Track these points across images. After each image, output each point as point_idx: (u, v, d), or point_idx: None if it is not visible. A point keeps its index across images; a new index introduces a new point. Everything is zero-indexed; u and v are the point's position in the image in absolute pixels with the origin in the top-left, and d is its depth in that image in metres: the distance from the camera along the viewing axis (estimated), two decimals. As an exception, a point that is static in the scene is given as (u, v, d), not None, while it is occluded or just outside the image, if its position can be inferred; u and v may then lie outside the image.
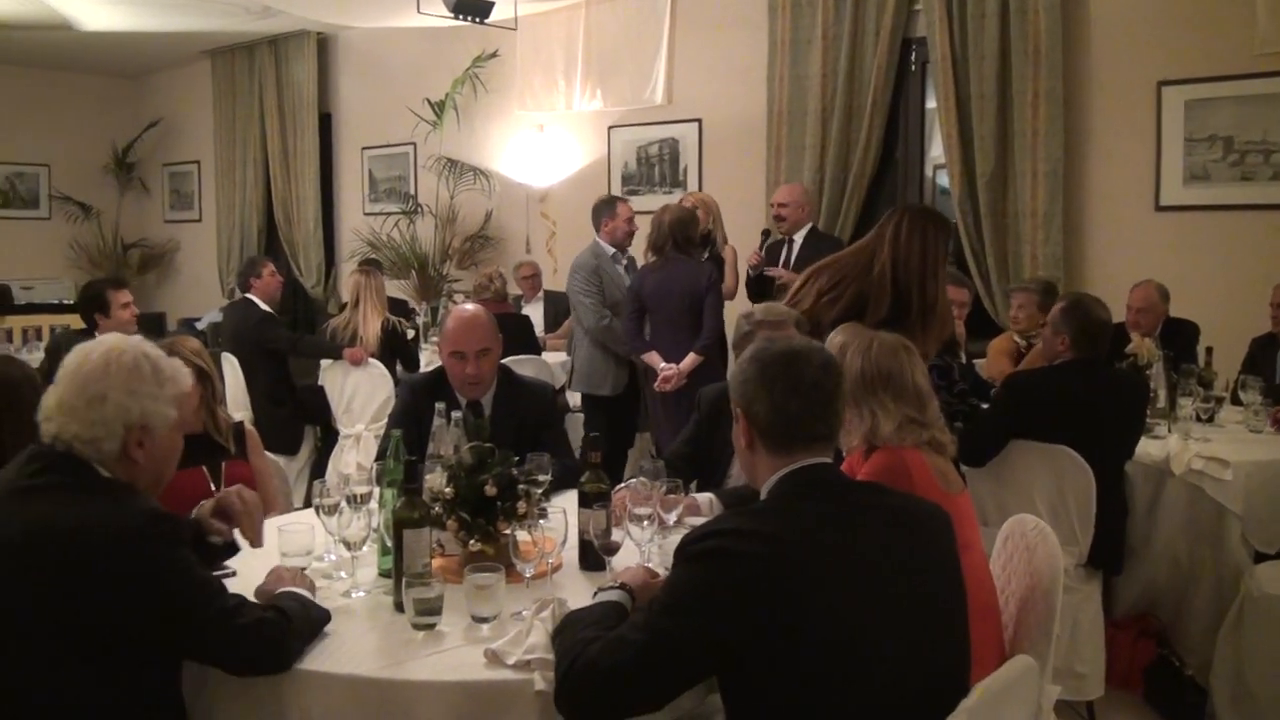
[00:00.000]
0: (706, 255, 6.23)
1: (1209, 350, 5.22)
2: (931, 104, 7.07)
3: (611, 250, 6.27)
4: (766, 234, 6.65)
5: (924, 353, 3.93)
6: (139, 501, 2.13)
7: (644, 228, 6.29)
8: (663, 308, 5.77)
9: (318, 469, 6.71)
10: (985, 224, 6.65)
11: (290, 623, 2.18)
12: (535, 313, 8.11)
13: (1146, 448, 4.34)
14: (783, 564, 1.87)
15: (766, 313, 3.78)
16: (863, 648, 1.88)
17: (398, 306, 8.10)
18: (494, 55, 9.11)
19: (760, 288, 6.27)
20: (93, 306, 5.80)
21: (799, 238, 6.36)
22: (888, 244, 4.12)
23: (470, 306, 3.86)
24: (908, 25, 7.04)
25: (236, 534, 2.52)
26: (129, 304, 5.84)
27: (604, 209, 6.35)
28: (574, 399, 6.75)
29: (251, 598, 2.25)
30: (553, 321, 8.12)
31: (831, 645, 1.86)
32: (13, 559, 2.01)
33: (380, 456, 3.26)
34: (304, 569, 2.55)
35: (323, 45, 10.59)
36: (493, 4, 7.43)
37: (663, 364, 5.71)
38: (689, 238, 5.83)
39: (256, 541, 2.51)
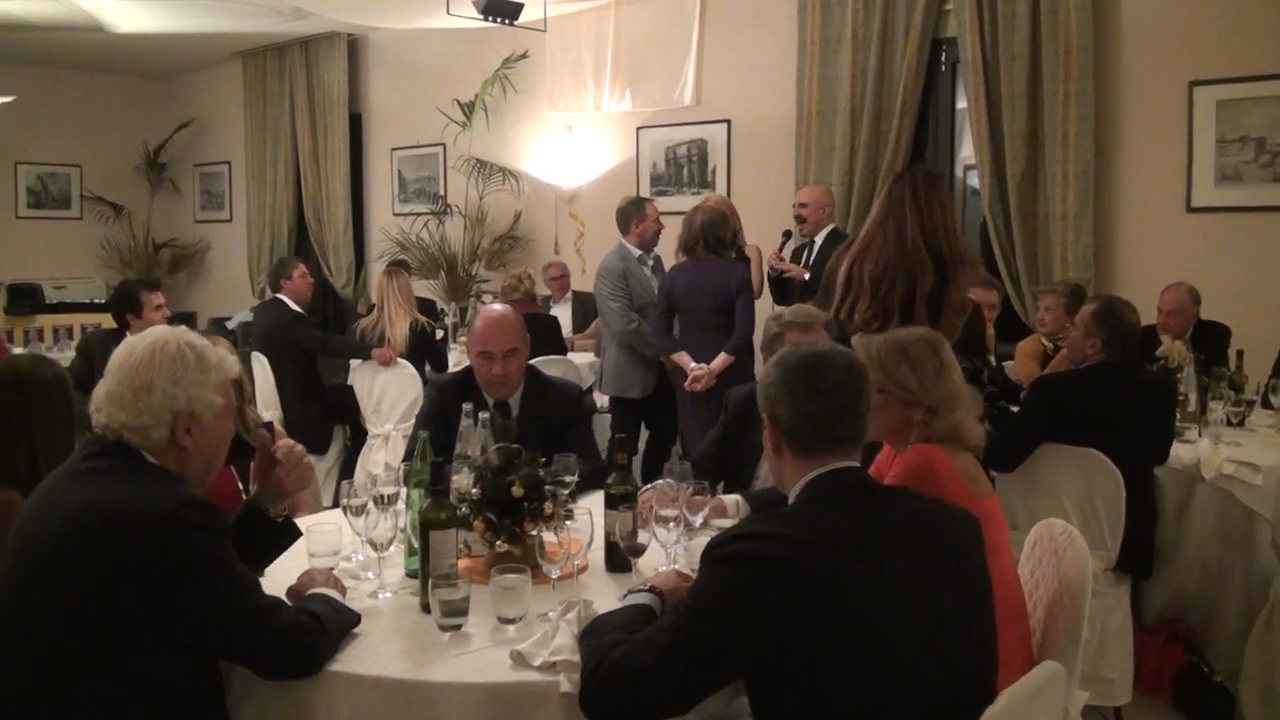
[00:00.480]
0: (734, 255, 6.21)
1: (1240, 353, 5.18)
2: (962, 104, 7.05)
3: (638, 252, 6.27)
4: (788, 235, 6.64)
5: (962, 306, 3.99)
6: (180, 488, 2.15)
7: (672, 228, 6.31)
8: (693, 308, 5.76)
9: (346, 469, 6.74)
10: (1015, 225, 6.62)
11: (324, 629, 2.19)
12: (564, 313, 8.12)
13: (1177, 451, 4.30)
14: (810, 568, 1.87)
15: (796, 314, 3.79)
16: (889, 652, 1.88)
17: (426, 307, 8.14)
18: (524, 56, 9.13)
19: (781, 288, 6.26)
20: (125, 306, 5.86)
21: (820, 239, 6.33)
22: (909, 210, 4.10)
23: (498, 307, 3.87)
24: (938, 25, 7.01)
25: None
26: (161, 305, 5.89)
27: (632, 211, 6.35)
28: (601, 400, 6.75)
29: (283, 597, 2.27)
30: (581, 322, 8.13)
31: (857, 650, 1.86)
32: (56, 539, 2.04)
33: (408, 457, 3.27)
34: (332, 569, 2.56)
35: (353, 46, 10.65)
36: (522, 5, 7.44)
37: (693, 364, 5.71)
38: (720, 238, 5.82)
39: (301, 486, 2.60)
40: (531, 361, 3.88)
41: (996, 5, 6.60)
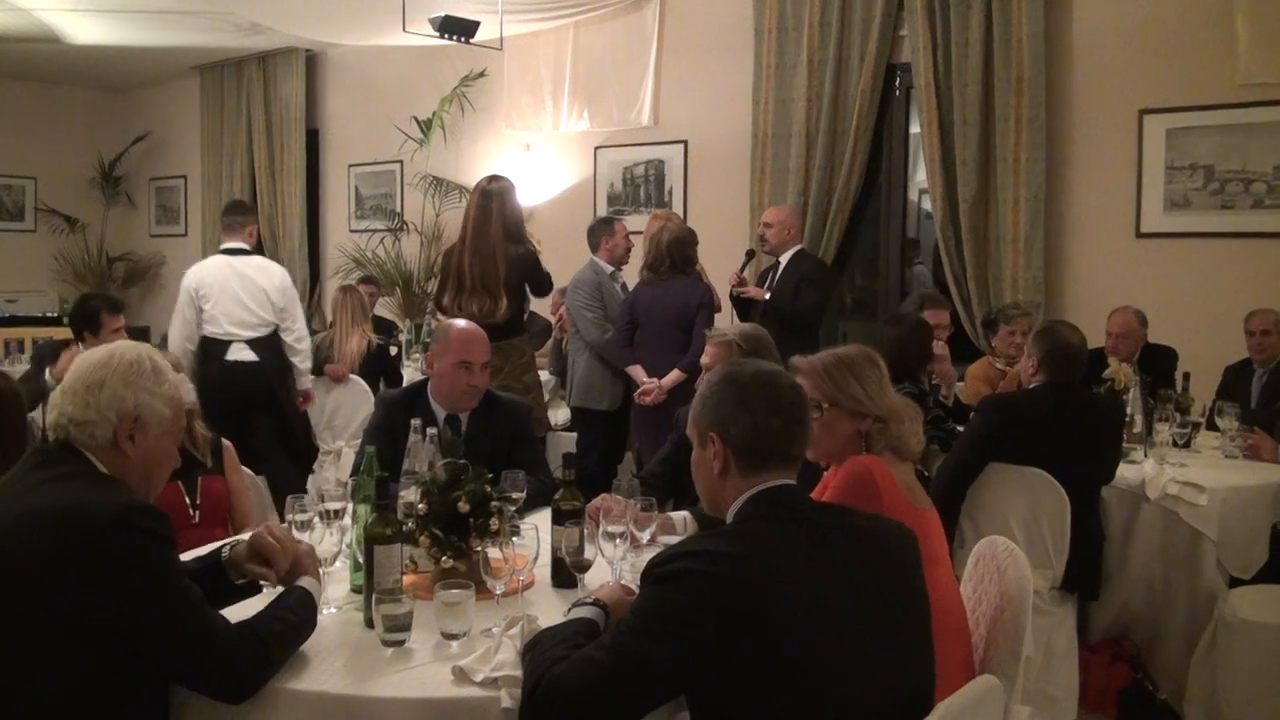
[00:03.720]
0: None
1: (1186, 376, 5.25)
2: (915, 129, 7.12)
3: (610, 268, 6.31)
4: (751, 254, 6.68)
5: None
6: (127, 493, 2.15)
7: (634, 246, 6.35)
8: (653, 323, 5.80)
9: (298, 485, 6.69)
10: (967, 248, 6.69)
11: (268, 653, 2.14)
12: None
13: (1122, 472, 4.36)
14: (749, 585, 1.88)
15: (713, 331, 3.97)
16: (828, 668, 1.89)
17: (383, 324, 8.11)
18: (482, 75, 9.14)
19: (741, 307, 6.29)
20: (84, 322, 5.73)
21: (785, 260, 6.35)
22: None
23: (465, 322, 3.90)
24: (892, 51, 7.08)
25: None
26: (120, 329, 5.75)
27: (602, 229, 6.40)
28: (558, 416, 6.75)
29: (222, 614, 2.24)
30: (536, 342, 8.10)
31: (797, 666, 1.86)
32: (2, 547, 2.03)
33: (354, 472, 3.26)
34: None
35: (311, 62, 10.62)
36: (478, 24, 7.45)
37: (645, 378, 5.73)
38: (688, 257, 5.86)
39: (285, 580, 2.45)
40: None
41: (950, 32, 6.68)
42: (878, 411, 2.76)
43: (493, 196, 5.65)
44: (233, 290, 6.13)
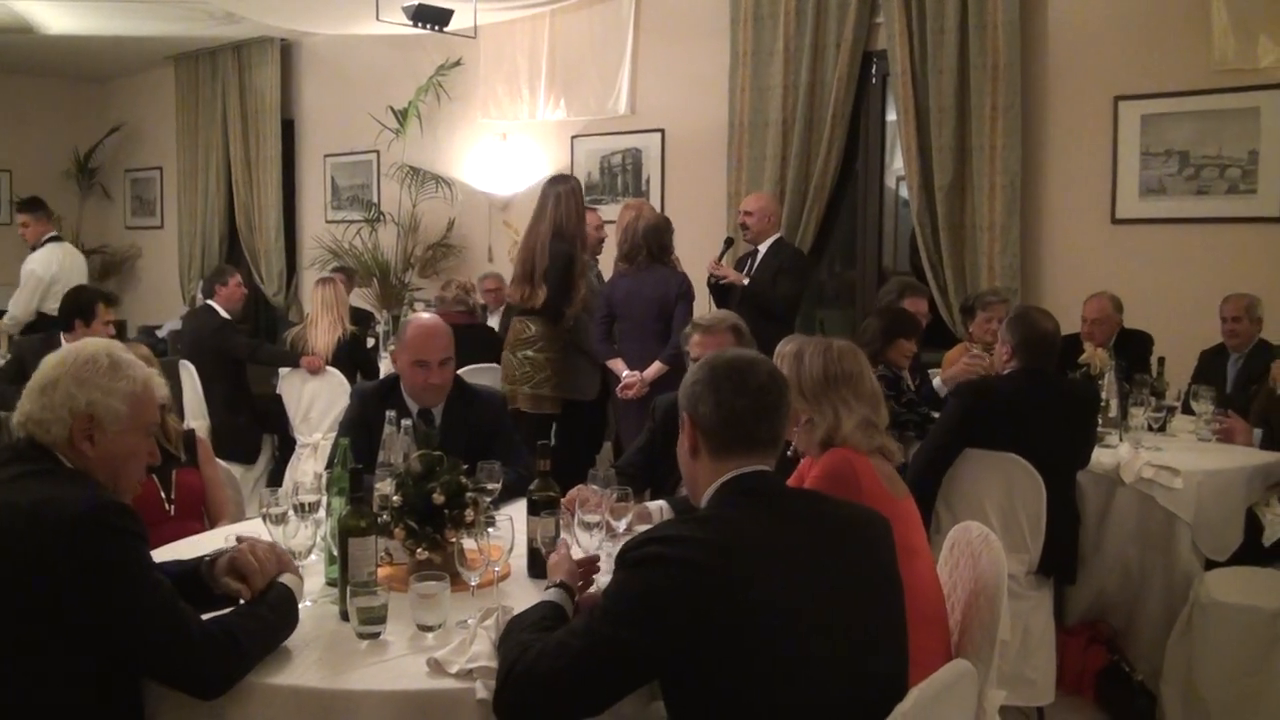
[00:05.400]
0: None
1: (1161, 360, 5.28)
2: (892, 116, 7.13)
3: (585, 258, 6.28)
4: (729, 242, 6.66)
5: None
6: (95, 490, 2.14)
7: (609, 237, 6.33)
8: (631, 315, 5.78)
9: (275, 478, 6.68)
10: (943, 235, 6.70)
11: (240, 650, 2.13)
12: (493, 323, 8.08)
13: (1098, 456, 4.39)
14: (721, 570, 1.89)
15: (702, 318, 3.96)
16: (801, 653, 1.89)
17: (361, 315, 8.08)
18: (457, 64, 9.11)
19: (721, 295, 6.28)
20: (77, 311, 5.67)
21: (764, 248, 6.33)
22: None
23: (428, 316, 3.87)
24: (868, 38, 7.09)
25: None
26: (110, 321, 5.76)
27: None
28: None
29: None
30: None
31: (769, 651, 1.87)
32: None
33: (329, 465, 3.25)
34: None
35: (286, 51, 10.56)
36: (452, 12, 7.41)
37: (626, 371, 5.71)
38: (664, 245, 5.85)
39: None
40: (468, 367, 3.88)
41: (926, 20, 6.68)
42: (844, 434, 2.76)
43: (549, 195, 5.87)
44: None
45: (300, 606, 2.49)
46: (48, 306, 7.74)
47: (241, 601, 2.35)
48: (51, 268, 8.10)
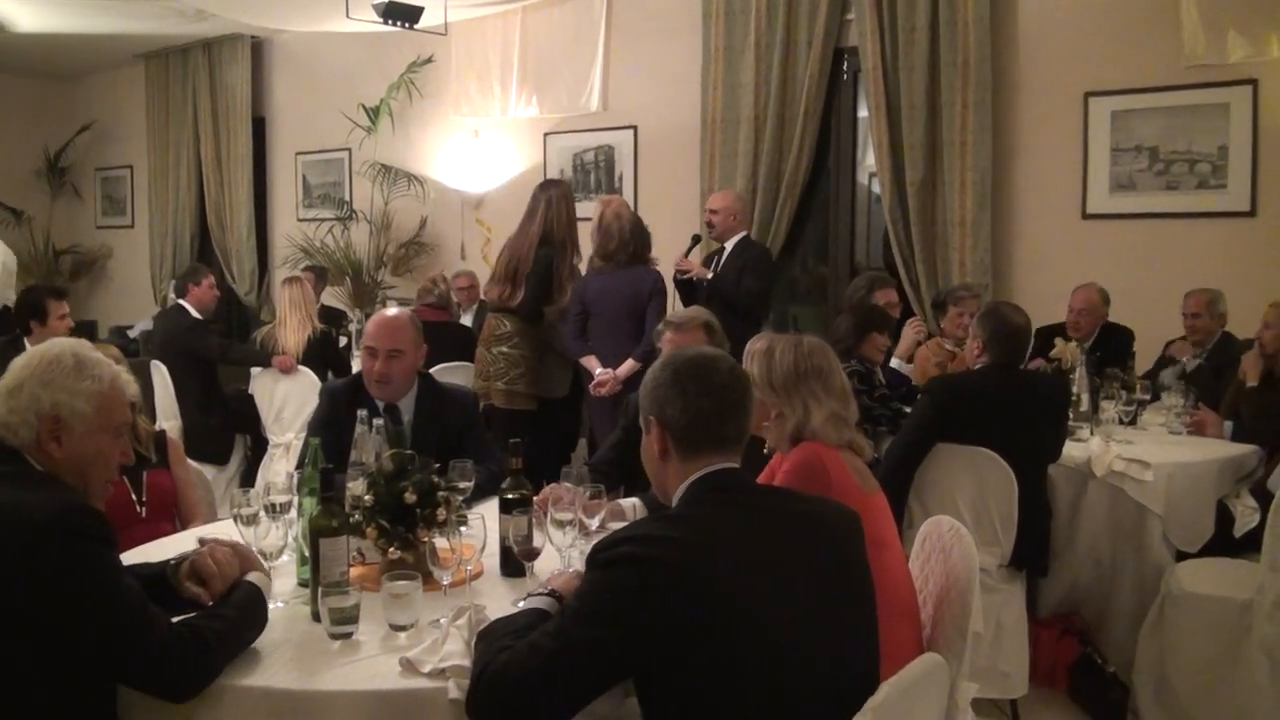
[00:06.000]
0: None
1: (1132, 354, 5.32)
2: (864, 113, 7.15)
3: None
4: (697, 239, 6.65)
5: None
6: (67, 495, 2.12)
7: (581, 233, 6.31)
8: (605, 312, 5.75)
9: (248, 478, 6.64)
10: (915, 231, 6.73)
11: (210, 651, 2.12)
12: (466, 321, 8.06)
13: (1069, 450, 4.42)
14: (692, 568, 1.89)
15: (674, 316, 3.94)
16: (773, 649, 1.90)
17: (332, 314, 8.05)
18: (429, 61, 9.07)
19: (686, 290, 6.27)
20: (30, 313, 5.71)
21: (730, 245, 6.31)
22: None
23: (394, 310, 3.84)
24: (840, 35, 7.11)
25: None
26: (66, 315, 5.77)
27: None
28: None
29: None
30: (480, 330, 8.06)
31: (741, 647, 1.87)
32: None
33: (300, 465, 3.23)
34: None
35: (257, 49, 10.49)
36: (422, 9, 7.38)
37: (599, 369, 5.70)
38: (648, 244, 5.84)
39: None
40: (441, 365, 3.84)
41: (897, 17, 6.71)
42: (813, 428, 2.78)
43: (539, 200, 5.99)
44: None
45: (271, 607, 2.48)
46: None
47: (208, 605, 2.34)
48: None
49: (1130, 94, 6.24)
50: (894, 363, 5.35)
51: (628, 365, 5.61)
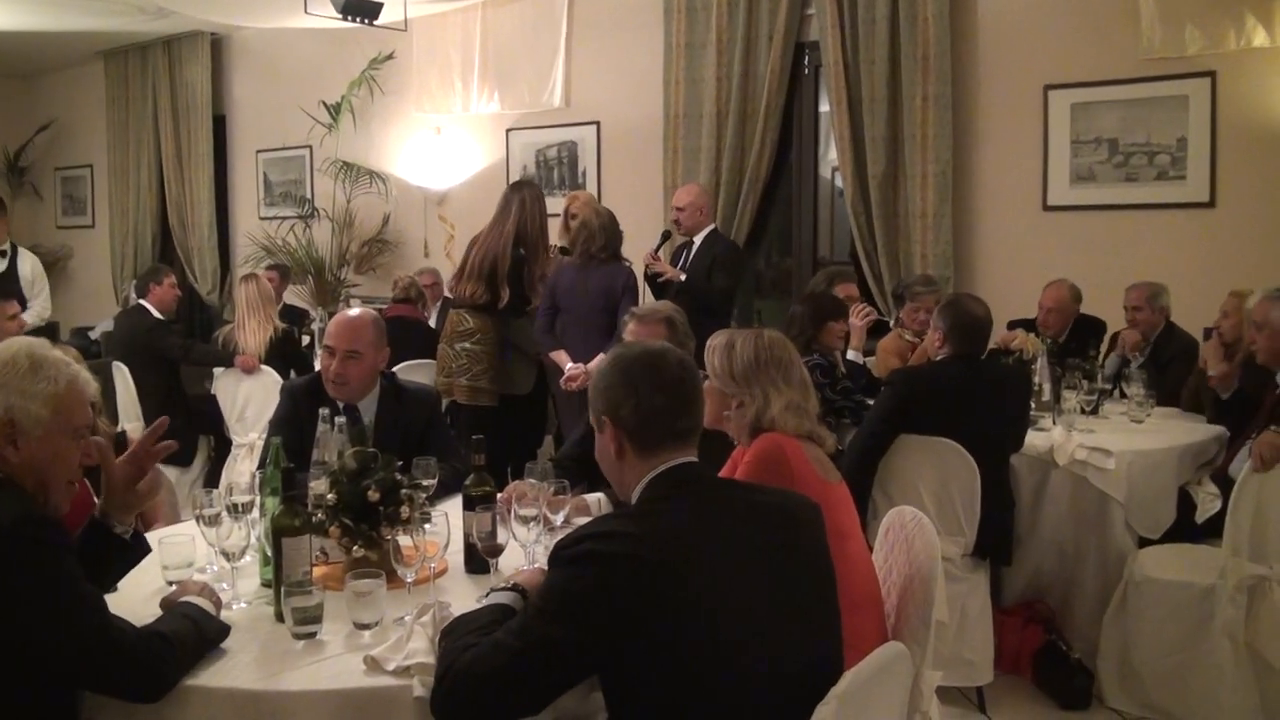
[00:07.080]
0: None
1: (1099, 344, 5.36)
2: (825, 107, 7.17)
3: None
4: (667, 235, 6.66)
5: None
6: (22, 503, 2.09)
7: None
8: (576, 307, 5.73)
9: (212, 479, 6.59)
10: (877, 224, 6.76)
11: (173, 648, 2.11)
12: (432, 319, 8.03)
13: (1032, 439, 4.45)
14: (655, 563, 1.89)
15: (639, 309, 4.01)
16: (735, 643, 1.91)
17: (295, 313, 8.00)
18: (390, 57, 9.03)
19: (657, 288, 6.28)
20: None
21: (699, 240, 6.34)
22: None
23: (356, 310, 3.82)
24: (801, 29, 7.12)
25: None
26: (16, 315, 5.72)
27: None
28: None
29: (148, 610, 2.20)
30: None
31: (705, 640, 1.88)
32: None
33: (262, 465, 3.20)
34: (205, 583, 2.49)
35: (217, 46, 10.42)
36: (382, 5, 7.34)
37: (569, 364, 5.68)
38: (619, 241, 5.82)
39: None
40: (405, 363, 3.81)
41: (857, 11, 6.73)
42: (771, 416, 2.80)
43: (512, 200, 5.99)
44: None
45: (235, 608, 2.49)
46: None
47: (124, 534, 2.40)
48: None
49: (1090, 86, 6.28)
50: (850, 354, 5.37)
51: (599, 360, 5.58)
